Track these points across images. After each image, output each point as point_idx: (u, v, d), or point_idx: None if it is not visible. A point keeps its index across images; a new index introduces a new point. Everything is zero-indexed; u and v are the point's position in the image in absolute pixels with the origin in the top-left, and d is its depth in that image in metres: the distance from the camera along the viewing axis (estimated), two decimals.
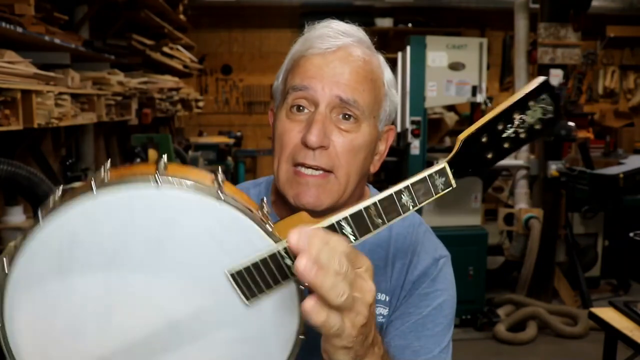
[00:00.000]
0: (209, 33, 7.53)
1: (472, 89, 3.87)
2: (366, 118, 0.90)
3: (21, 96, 2.18)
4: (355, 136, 0.89)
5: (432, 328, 0.94)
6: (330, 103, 0.88)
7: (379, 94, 0.93)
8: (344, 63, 0.89)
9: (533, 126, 0.65)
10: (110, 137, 4.61)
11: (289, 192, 0.90)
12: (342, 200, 0.91)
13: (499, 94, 7.79)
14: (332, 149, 0.88)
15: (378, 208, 0.65)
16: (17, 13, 2.38)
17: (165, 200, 0.60)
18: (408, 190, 0.65)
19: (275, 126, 0.94)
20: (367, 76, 0.91)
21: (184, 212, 0.61)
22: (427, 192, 0.66)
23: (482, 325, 3.89)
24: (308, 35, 0.95)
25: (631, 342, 2.05)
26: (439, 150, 4.87)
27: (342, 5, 7.00)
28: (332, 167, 0.88)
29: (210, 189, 0.61)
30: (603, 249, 4.70)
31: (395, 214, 0.65)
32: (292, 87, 0.90)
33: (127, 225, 0.60)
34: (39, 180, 2.03)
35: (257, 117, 7.80)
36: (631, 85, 8.11)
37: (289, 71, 0.95)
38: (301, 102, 0.89)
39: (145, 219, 0.60)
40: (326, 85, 0.88)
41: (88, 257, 0.61)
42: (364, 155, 0.91)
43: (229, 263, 0.62)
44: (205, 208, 0.61)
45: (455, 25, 7.37)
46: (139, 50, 4.14)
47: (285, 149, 0.90)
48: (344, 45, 0.91)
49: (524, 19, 4.45)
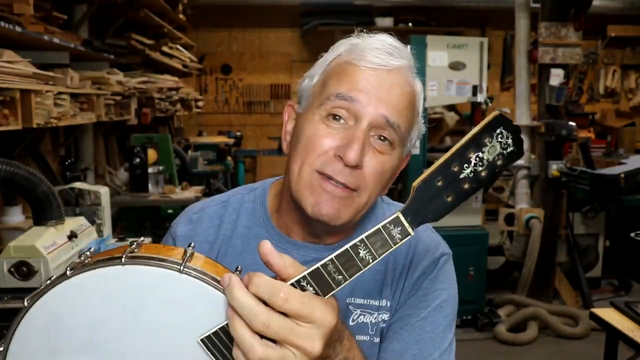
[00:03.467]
0: (208, 32, 7.52)
1: (473, 89, 3.86)
2: (399, 145, 0.89)
3: (20, 96, 2.17)
4: (386, 159, 0.87)
5: (431, 330, 0.92)
6: (373, 122, 0.85)
7: (413, 122, 0.92)
8: (395, 85, 0.87)
9: (494, 162, 0.64)
10: (110, 137, 4.60)
11: (307, 198, 0.86)
12: (356, 219, 0.90)
13: (499, 93, 7.78)
14: (363, 170, 0.85)
15: (336, 264, 0.64)
16: (15, 12, 2.37)
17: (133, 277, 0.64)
18: (364, 244, 0.64)
19: (301, 127, 0.89)
20: (411, 103, 0.90)
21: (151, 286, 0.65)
22: (385, 244, 0.64)
23: (483, 325, 3.88)
24: (358, 44, 0.90)
25: (632, 342, 2.04)
26: (439, 150, 4.86)
27: (342, 5, 6.99)
28: (357, 187, 0.86)
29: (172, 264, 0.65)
30: (604, 249, 4.69)
31: (356, 269, 0.64)
32: (337, 94, 0.86)
33: (103, 301, 0.65)
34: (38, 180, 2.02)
35: (256, 116, 7.79)
36: (632, 85, 8.10)
37: (331, 75, 0.90)
38: (341, 113, 0.85)
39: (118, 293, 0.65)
40: (373, 103, 0.84)
41: (71, 338, 0.66)
42: (388, 179, 0.90)
43: (199, 328, 0.65)
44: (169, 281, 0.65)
45: (455, 24, 7.35)
46: (138, 50, 4.13)
47: (314, 153, 0.85)
48: (399, 67, 0.88)
49: (524, 18, 4.44)
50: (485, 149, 0.63)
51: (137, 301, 0.64)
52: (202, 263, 0.68)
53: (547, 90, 4.29)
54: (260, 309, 0.61)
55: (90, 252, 0.68)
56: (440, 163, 0.64)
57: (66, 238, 2.02)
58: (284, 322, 0.62)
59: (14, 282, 1.82)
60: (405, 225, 0.65)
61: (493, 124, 0.63)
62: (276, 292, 0.62)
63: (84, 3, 3.62)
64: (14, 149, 2.83)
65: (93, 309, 0.64)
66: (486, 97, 3.95)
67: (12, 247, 1.83)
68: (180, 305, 0.64)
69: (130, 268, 0.63)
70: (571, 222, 4.40)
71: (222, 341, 0.64)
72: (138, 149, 3.56)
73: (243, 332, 0.62)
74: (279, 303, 0.61)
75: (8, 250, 1.83)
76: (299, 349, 0.62)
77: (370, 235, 0.64)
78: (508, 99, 7.41)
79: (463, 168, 0.64)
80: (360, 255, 0.64)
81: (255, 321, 0.61)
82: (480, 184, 0.64)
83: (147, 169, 3.63)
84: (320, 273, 0.64)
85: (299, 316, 0.62)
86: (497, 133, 0.63)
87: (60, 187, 2.68)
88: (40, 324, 0.64)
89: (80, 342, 0.65)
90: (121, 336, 0.65)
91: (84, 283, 0.63)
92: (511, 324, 3.86)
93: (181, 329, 0.65)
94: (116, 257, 0.64)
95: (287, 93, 7.67)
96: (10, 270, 1.81)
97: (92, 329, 0.65)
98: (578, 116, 6.00)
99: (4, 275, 1.81)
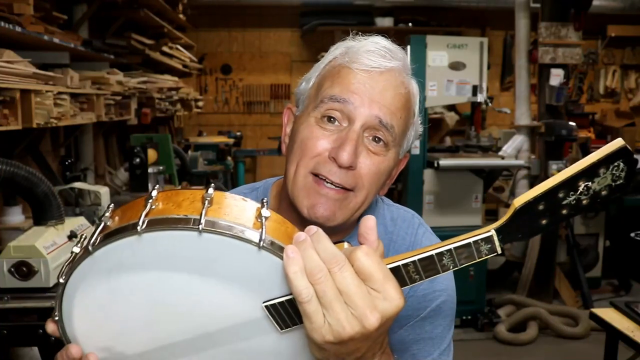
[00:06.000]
0: (208, 32, 7.52)
1: (473, 89, 3.86)
2: (394, 145, 0.89)
3: (20, 96, 2.17)
4: (381, 160, 0.88)
5: (430, 330, 0.93)
6: (366, 123, 0.86)
7: (409, 123, 0.93)
8: (388, 86, 0.87)
9: (599, 193, 0.59)
10: (110, 137, 4.60)
11: (303, 201, 0.87)
12: (353, 219, 0.90)
13: (499, 93, 7.78)
14: (358, 170, 0.86)
15: (417, 266, 0.64)
16: (15, 12, 2.37)
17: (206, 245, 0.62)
18: (450, 253, 0.63)
19: (297, 129, 0.91)
20: (406, 104, 0.90)
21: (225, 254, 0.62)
22: (470, 257, 0.64)
23: (483, 325, 3.88)
24: (353, 46, 0.91)
25: (632, 342, 2.04)
26: (439, 150, 4.86)
27: (343, 5, 6.99)
28: (353, 187, 0.87)
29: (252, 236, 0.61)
30: (604, 249, 4.70)
31: (434, 272, 0.64)
32: (331, 96, 0.87)
33: (169, 259, 0.63)
34: (38, 180, 2.02)
35: (256, 116, 7.79)
36: (632, 85, 8.10)
37: (325, 77, 0.91)
38: (335, 114, 0.87)
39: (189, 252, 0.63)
40: (366, 104, 0.85)
41: (133, 285, 0.64)
42: (384, 179, 0.91)
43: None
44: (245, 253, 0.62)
45: (455, 24, 7.35)
46: (138, 50, 4.12)
47: (308, 155, 0.87)
48: (392, 68, 0.89)
49: (524, 18, 4.44)
50: (597, 179, 0.58)
51: (207, 266, 0.62)
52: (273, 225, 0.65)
53: (547, 90, 4.29)
54: (340, 258, 0.60)
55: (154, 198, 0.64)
56: (549, 188, 0.60)
57: (66, 238, 2.02)
58: (355, 277, 0.60)
59: (14, 282, 1.82)
60: (496, 244, 0.63)
61: (615, 156, 0.58)
62: (358, 248, 0.61)
63: (84, 3, 3.62)
64: (14, 149, 2.84)
65: (161, 264, 0.62)
66: (486, 97, 3.95)
67: (12, 247, 1.83)
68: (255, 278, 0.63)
69: (206, 237, 0.60)
70: (571, 222, 4.40)
71: (286, 311, 0.64)
72: (138, 149, 3.56)
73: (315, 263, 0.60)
74: (358, 255, 0.60)
75: (8, 250, 1.83)
76: (357, 309, 0.59)
77: (459, 247, 0.63)
78: (508, 99, 7.41)
79: (568, 195, 0.60)
80: (443, 262, 0.64)
81: (333, 263, 0.60)
82: (578, 211, 0.60)
83: (147, 169, 3.63)
84: (399, 270, 0.64)
85: (371, 278, 0.60)
86: (615, 165, 0.58)
87: (60, 187, 2.68)
88: (104, 266, 0.62)
89: (141, 289, 0.64)
90: (182, 292, 0.64)
91: (155, 240, 0.60)
92: (511, 324, 3.86)
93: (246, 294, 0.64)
94: (189, 218, 0.60)
95: (287, 93, 7.66)
96: (10, 270, 1.82)
97: (155, 282, 0.63)
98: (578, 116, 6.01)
99: (4, 275, 1.82)
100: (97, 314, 0.66)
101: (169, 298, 0.65)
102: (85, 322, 0.67)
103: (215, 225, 0.60)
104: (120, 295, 0.65)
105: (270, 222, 0.64)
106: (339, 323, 0.59)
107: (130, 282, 0.64)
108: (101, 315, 0.66)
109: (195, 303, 0.65)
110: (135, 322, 0.67)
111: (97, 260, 0.62)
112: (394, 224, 1.01)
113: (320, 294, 0.59)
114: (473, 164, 3.99)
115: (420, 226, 1.02)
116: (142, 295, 0.65)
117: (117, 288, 0.64)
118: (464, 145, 4.84)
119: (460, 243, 0.63)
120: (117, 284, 0.64)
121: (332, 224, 0.87)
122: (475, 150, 4.52)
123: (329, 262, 0.60)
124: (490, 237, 0.63)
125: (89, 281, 0.64)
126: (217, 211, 0.62)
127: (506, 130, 6.13)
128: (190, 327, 0.67)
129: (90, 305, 0.65)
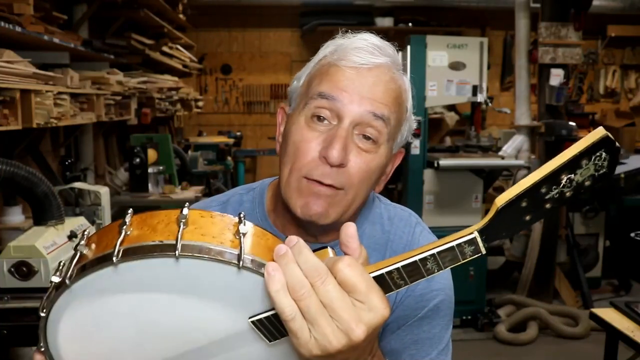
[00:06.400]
0: (208, 32, 7.52)
1: (473, 89, 3.86)
2: (386, 141, 0.88)
3: (20, 96, 2.17)
4: (372, 157, 0.87)
5: (428, 330, 0.93)
6: (356, 119, 0.85)
7: (401, 119, 0.92)
8: (378, 82, 0.87)
9: (582, 184, 0.58)
10: (110, 137, 4.60)
11: (296, 201, 0.87)
12: (346, 216, 0.90)
13: (499, 93, 7.78)
14: (348, 168, 0.86)
15: (402, 273, 0.64)
16: (15, 12, 2.37)
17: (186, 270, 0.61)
18: (434, 258, 0.63)
19: (289, 130, 0.90)
20: (397, 99, 0.89)
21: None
22: (454, 259, 0.63)
23: (483, 325, 3.88)
24: (342, 44, 0.91)
25: (632, 342, 2.04)
26: (439, 150, 4.86)
27: (343, 5, 6.99)
28: (344, 186, 0.86)
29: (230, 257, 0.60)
30: (604, 249, 4.69)
31: (419, 276, 0.64)
32: (319, 93, 0.87)
33: (153, 283, 0.62)
34: (38, 180, 2.02)
35: (256, 116, 7.79)
36: (632, 85, 8.10)
37: (315, 76, 0.91)
38: (323, 113, 0.86)
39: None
40: (356, 101, 0.85)
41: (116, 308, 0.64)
42: (376, 177, 0.91)
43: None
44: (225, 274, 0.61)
45: (455, 24, 7.35)
46: (138, 50, 4.13)
47: (301, 159, 0.86)
48: (381, 64, 0.88)
49: (524, 18, 4.44)
50: (579, 171, 0.58)
51: (189, 288, 0.62)
52: (252, 243, 0.64)
53: (547, 90, 4.29)
54: (322, 270, 0.59)
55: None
56: (531, 185, 0.59)
57: (66, 238, 2.02)
58: (338, 289, 0.59)
59: (14, 282, 1.82)
60: (480, 245, 0.63)
61: (597, 146, 0.57)
62: (340, 259, 0.61)
63: (84, 3, 3.62)
64: (14, 149, 2.84)
65: (142, 287, 0.61)
66: (486, 97, 3.95)
67: (12, 247, 1.83)
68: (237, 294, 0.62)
69: (184, 262, 0.59)
70: (571, 222, 4.40)
71: (273, 324, 0.64)
72: (138, 149, 3.57)
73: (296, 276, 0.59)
74: (340, 266, 0.59)
75: (8, 250, 1.83)
76: (342, 323, 0.59)
77: (442, 252, 0.63)
78: (508, 99, 7.41)
79: (551, 189, 0.59)
80: (427, 267, 0.64)
81: (315, 276, 0.59)
82: (562, 204, 0.60)
83: (147, 169, 3.63)
84: (383, 277, 0.64)
85: (355, 289, 0.59)
86: (597, 155, 0.57)
87: (60, 187, 2.68)
88: (85, 295, 0.62)
89: (124, 312, 0.63)
90: (165, 310, 0.63)
91: (132, 269, 0.59)
92: (511, 324, 3.86)
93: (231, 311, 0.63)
94: (164, 244, 0.59)
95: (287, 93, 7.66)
96: (10, 270, 1.81)
97: (138, 303, 0.62)
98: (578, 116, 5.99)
99: (4, 275, 1.82)
100: (84, 340, 0.65)
101: (153, 317, 0.64)
102: (73, 349, 0.66)
103: (192, 249, 0.59)
104: (104, 320, 0.64)
105: (249, 237, 0.63)
106: (325, 338, 0.59)
107: (113, 306, 0.62)
108: (88, 341, 0.66)
109: (180, 320, 0.64)
110: (124, 344, 0.66)
111: (76, 292, 0.61)
112: (391, 223, 1.01)
113: (305, 309, 0.58)
114: (473, 164, 3.99)
115: (418, 225, 1.02)
116: (126, 318, 0.64)
117: (100, 314, 0.63)
118: (464, 145, 4.84)
119: (443, 247, 0.63)
120: (99, 310, 0.63)
121: (326, 222, 0.87)
122: (475, 150, 4.52)
123: (311, 276, 0.59)
124: (474, 240, 0.63)
125: (71, 311, 0.63)
126: (193, 232, 0.60)
127: (506, 130, 6.13)
128: (179, 343, 0.66)
129: (75, 332, 0.65)
